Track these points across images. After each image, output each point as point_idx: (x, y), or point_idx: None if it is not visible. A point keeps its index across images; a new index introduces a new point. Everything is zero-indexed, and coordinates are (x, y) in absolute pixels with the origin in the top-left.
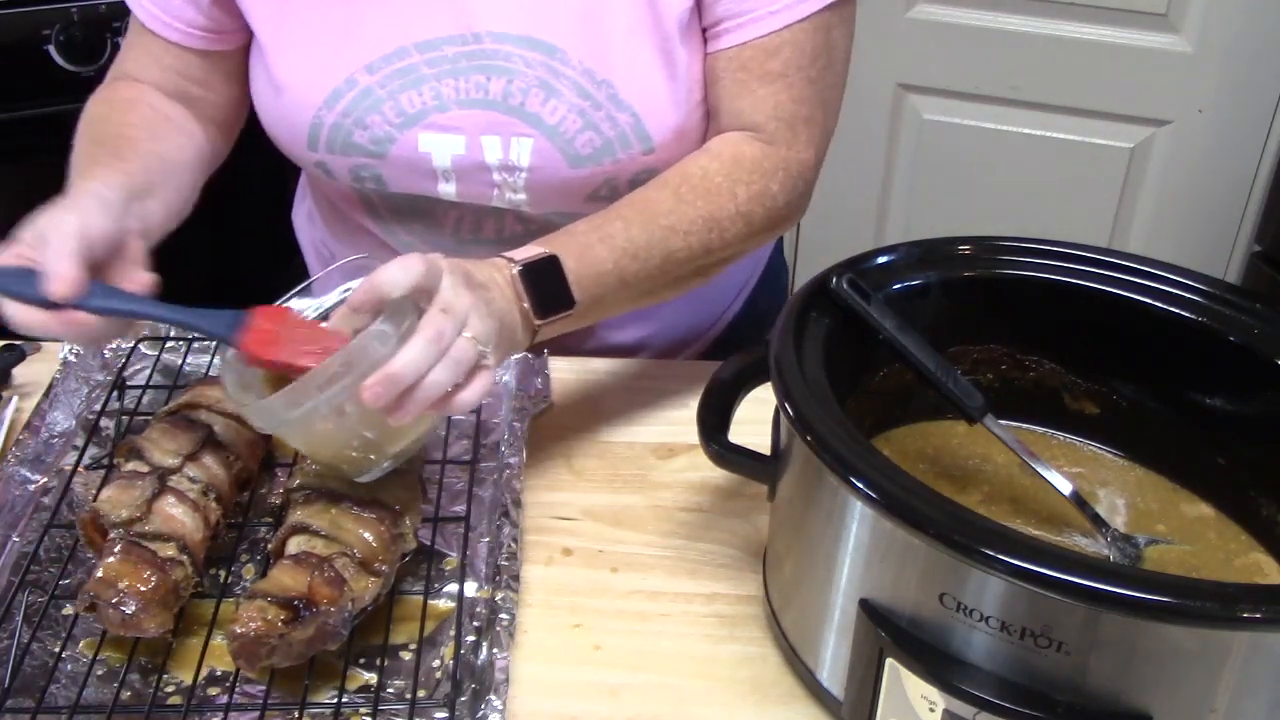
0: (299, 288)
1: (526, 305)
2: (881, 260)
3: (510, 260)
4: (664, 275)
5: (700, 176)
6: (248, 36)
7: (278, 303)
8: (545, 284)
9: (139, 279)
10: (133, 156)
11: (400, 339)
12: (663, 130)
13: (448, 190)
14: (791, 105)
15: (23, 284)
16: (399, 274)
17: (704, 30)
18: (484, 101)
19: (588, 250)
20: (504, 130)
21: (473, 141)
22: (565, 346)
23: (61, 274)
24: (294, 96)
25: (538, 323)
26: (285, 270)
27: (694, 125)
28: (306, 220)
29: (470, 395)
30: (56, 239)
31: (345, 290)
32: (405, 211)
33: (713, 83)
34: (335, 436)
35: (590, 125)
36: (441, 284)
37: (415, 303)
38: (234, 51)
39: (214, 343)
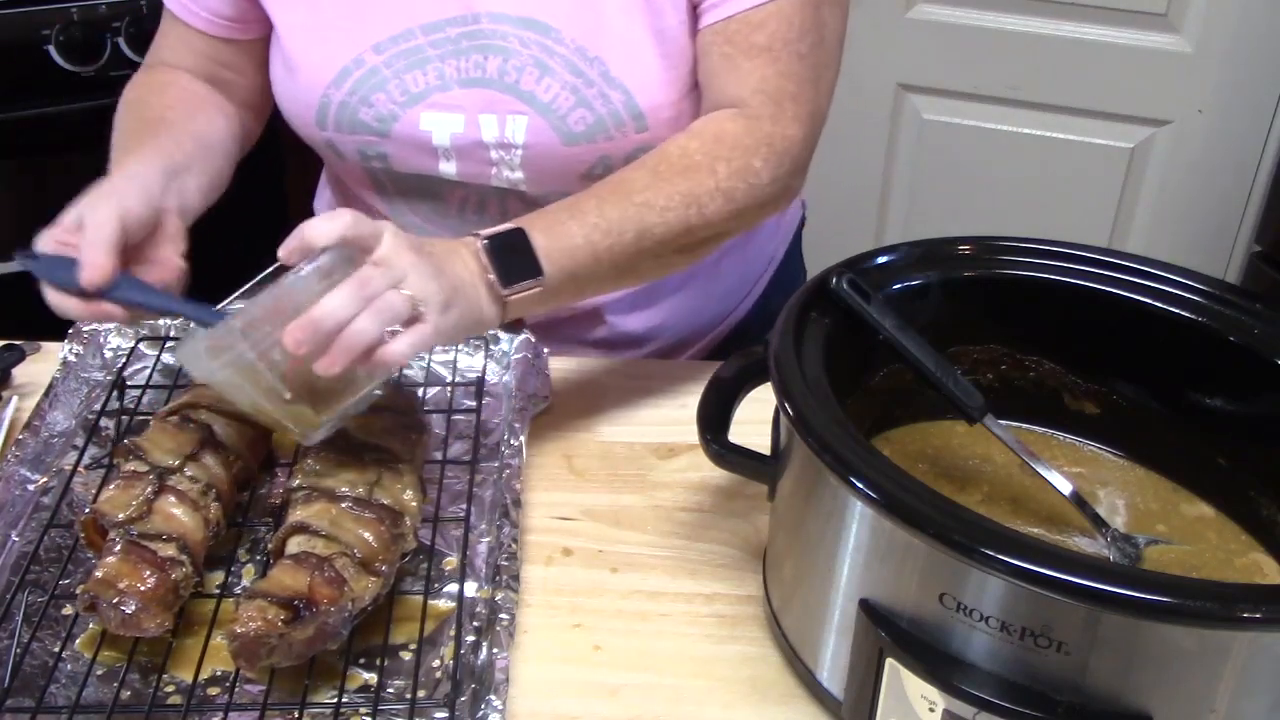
0: (270, 269)
1: (492, 277)
2: (881, 260)
3: (477, 235)
4: (641, 252)
5: (679, 155)
6: (270, 25)
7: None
8: (510, 255)
9: (171, 263)
10: (169, 136)
11: (327, 289)
12: (655, 109)
13: (449, 169)
14: (777, 80)
15: (60, 270)
16: (325, 224)
17: (694, 8)
18: (481, 80)
19: (557, 224)
20: (499, 108)
21: (471, 120)
22: (573, 335)
23: (93, 263)
24: (304, 76)
25: (504, 293)
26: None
27: (691, 105)
28: (326, 209)
29: (399, 346)
30: (92, 228)
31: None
32: (413, 191)
33: (700, 57)
34: (267, 387)
35: (583, 102)
36: (382, 241)
37: (352, 261)
38: (260, 40)
39: None
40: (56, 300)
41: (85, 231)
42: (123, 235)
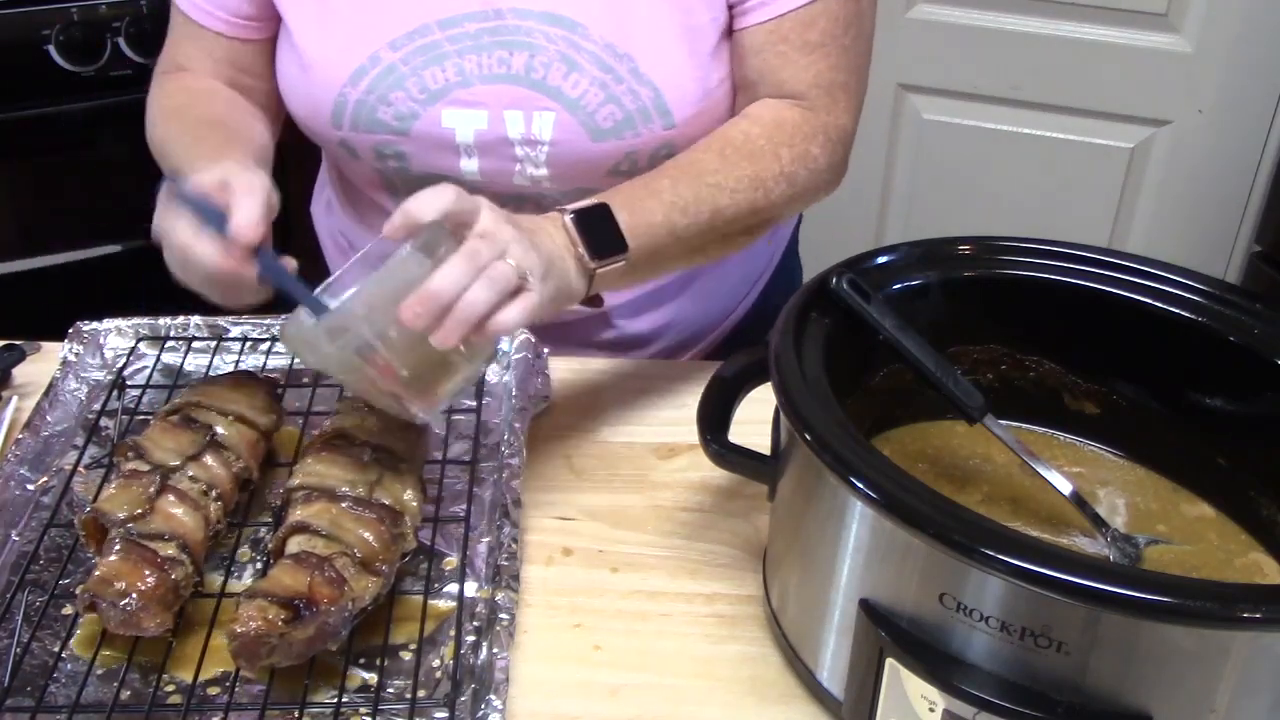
0: (323, 285)
1: (581, 250)
2: (881, 260)
3: (561, 210)
4: (713, 231)
5: (743, 140)
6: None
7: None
8: (597, 229)
9: (287, 260)
10: (244, 144)
11: (436, 264)
12: (683, 105)
13: (470, 166)
14: (829, 73)
15: (215, 216)
16: (431, 199)
17: (731, 6)
18: (506, 76)
19: (637, 202)
20: (526, 104)
21: (495, 116)
22: (581, 338)
23: (250, 219)
24: (319, 75)
25: (592, 266)
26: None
27: (715, 100)
28: (325, 210)
29: (511, 314)
30: (244, 188)
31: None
32: None
33: (752, 55)
34: (383, 365)
35: (612, 99)
36: (480, 215)
37: (452, 235)
38: (267, 43)
39: (214, 344)
40: (191, 243)
41: (235, 190)
42: (268, 208)
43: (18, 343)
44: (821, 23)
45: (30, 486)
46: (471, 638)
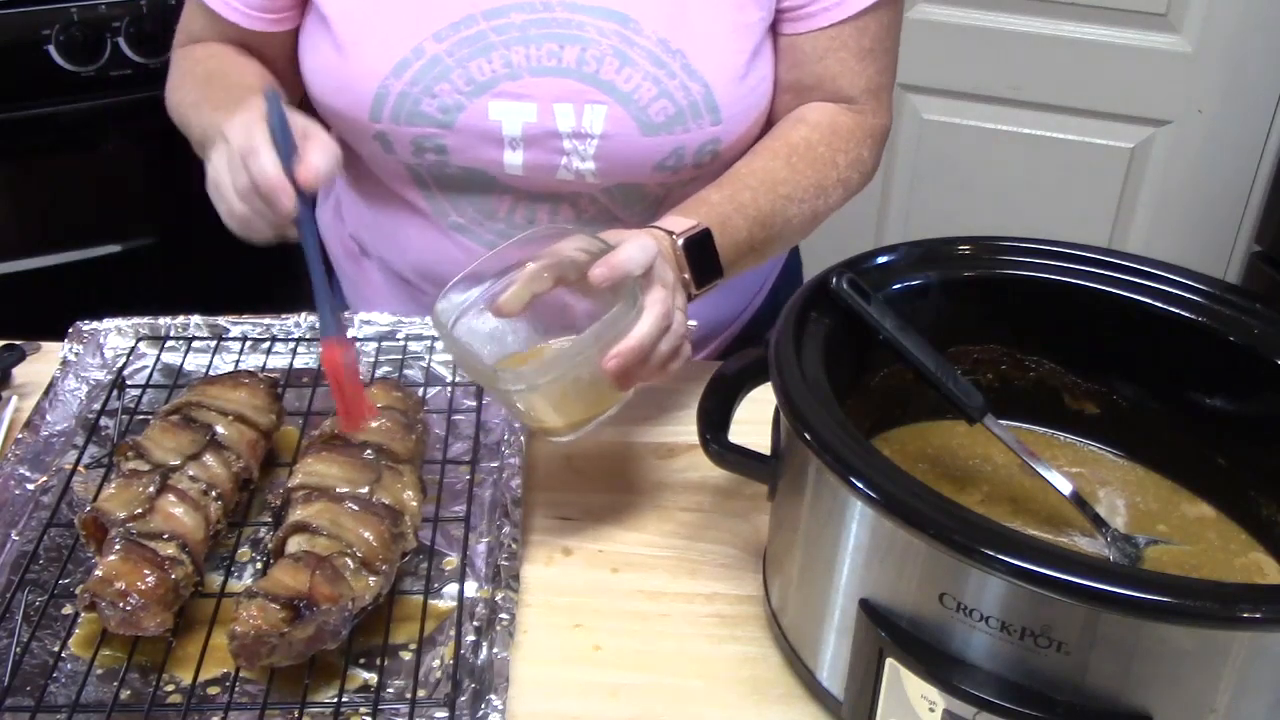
0: (468, 270)
1: (687, 277)
2: (881, 260)
3: (669, 233)
4: (782, 240)
5: (805, 146)
6: (300, 18)
7: (452, 282)
8: (701, 256)
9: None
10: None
11: (629, 311)
12: (730, 102)
13: (514, 160)
14: (878, 77)
15: (282, 140)
16: (639, 255)
17: (782, 11)
18: (558, 69)
19: (727, 221)
20: (578, 98)
21: (544, 109)
22: None
23: (316, 167)
24: (359, 67)
25: (695, 293)
26: (285, 271)
27: (758, 98)
28: (332, 215)
29: (679, 364)
30: (322, 142)
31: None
32: (457, 188)
33: (813, 60)
34: (565, 401)
35: (664, 94)
36: (655, 259)
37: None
38: (285, 34)
39: (214, 344)
40: (265, 147)
41: (314, 140)
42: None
43: (18, 343)
44: (873, 29)
45: (30, 486)
46: (471, 638)
